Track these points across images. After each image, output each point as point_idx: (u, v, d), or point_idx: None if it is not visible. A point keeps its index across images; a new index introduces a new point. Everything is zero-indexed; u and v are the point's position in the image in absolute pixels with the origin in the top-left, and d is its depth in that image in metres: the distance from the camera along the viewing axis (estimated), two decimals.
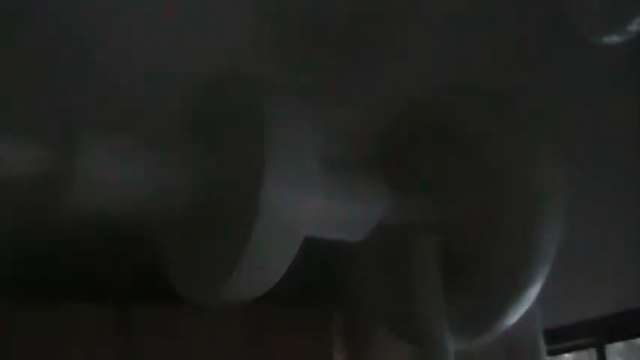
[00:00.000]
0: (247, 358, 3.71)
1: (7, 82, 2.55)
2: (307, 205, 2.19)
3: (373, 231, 2.58)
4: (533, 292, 2.69)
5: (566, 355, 5.57)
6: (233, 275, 2.17)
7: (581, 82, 2.90)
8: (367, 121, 2.91)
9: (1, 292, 3.40)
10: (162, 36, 2.49)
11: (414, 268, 2.68)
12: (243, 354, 3.71)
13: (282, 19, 2.58)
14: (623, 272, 3.06)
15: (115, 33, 2.47)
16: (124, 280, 3.65)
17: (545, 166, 2.64)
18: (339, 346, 3.99)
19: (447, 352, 2.68)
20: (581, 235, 2.96)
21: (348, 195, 2.54)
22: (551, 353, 3.19)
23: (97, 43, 2.48)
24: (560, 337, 3.25)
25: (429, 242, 2.69)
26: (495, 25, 2.65)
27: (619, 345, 3.51)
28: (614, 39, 2.30)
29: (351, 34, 2.68)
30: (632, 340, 5.11)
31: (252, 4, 2.51)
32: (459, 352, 2.74)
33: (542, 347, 2.98)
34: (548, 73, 2.88)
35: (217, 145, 2.26)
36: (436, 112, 2.80)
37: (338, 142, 2.70)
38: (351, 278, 3.10)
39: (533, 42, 2.73)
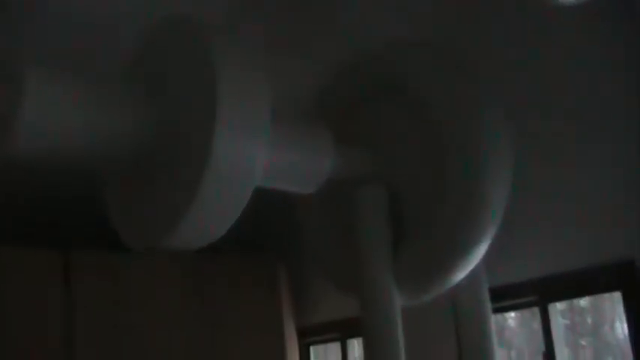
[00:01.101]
0: (192, 306, 3.71)
1: None
2: (259, 154, 2.17)
3: (323, 184, 2.58)
4: (479, 251, 2.70)
5: (511, 314, 5.66)
6: (180, 225, 2.14)
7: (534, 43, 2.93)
8: (315, 76, 2.89)
9: None
10: None
11: (361, 220, 2.68)
12: (188, 302, 3.71)
13: None
14: (567, 233, 3.10)
15: None
16: (68, 228, 3.61)
17: (492, 123, 2.65)
18: (286, 296, 4.00)
19: (392, 307, 2.69)
20: (526, 196, 2.98)
21: (299, 147, 2.53)
22: (496, 311, 3.22)
23: None
24: (504, 296, 3.28)
25: (375, 195, 2.68)
26: None
27: (562, 306, 3.56)
28: (570, 0, 2.30)
29: None
30: (575, 301, 5.20)
31: None
32: (405, 309, 2.76)
33: (488, 305, 3.01)
34: (499, 31, 2.90)
35: (168, 92, 2.22)
36: (382, 67, 2.81)
37: (288, 97, 2.68)
38: (298, 230, 3.10)
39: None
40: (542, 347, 3.37)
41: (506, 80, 2.99)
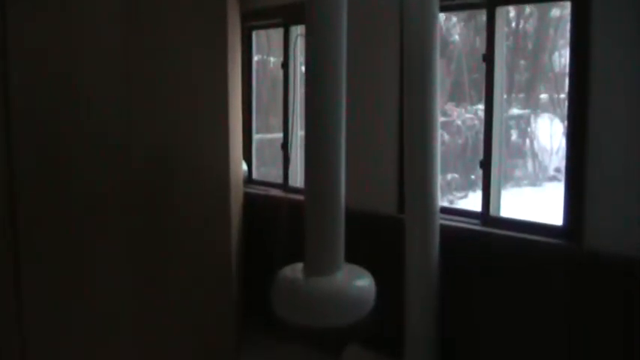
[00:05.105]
0: (129, 29, 3.53)
1: None
2: None
3: None
4: None
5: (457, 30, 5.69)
6: None
7: None
8: None
9: None
10: None
11: None
12: (128, 24, 3.52)
13: None
14: None
15: None
16: None
17: None
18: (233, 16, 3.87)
19: None
20: None
21: None
22: (443, 9, 3.18)
23: None
24: None
25: None
26: None
27: (507, 28, 3.55)
28: None
29: None
30: (520, 25, 5.23)
31: None
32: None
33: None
34: None
35: None
36: None
37: None
38: None
39: None
40: (484, 51, 3.35)
41: None
